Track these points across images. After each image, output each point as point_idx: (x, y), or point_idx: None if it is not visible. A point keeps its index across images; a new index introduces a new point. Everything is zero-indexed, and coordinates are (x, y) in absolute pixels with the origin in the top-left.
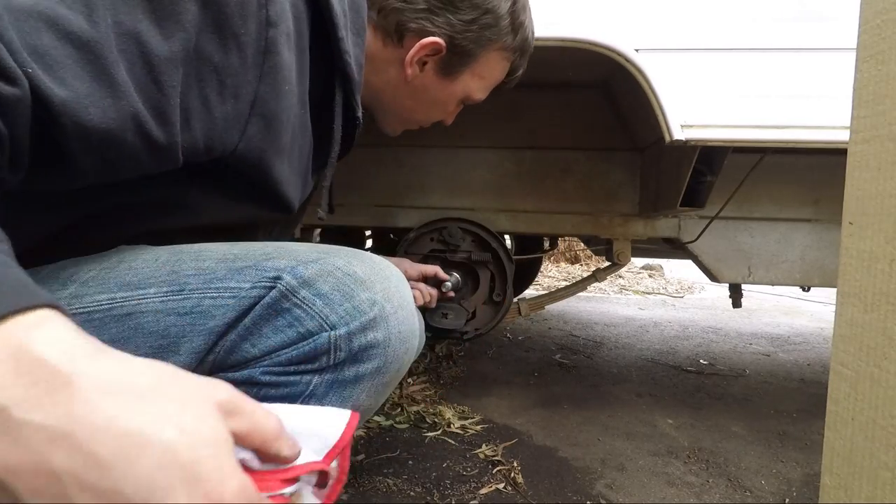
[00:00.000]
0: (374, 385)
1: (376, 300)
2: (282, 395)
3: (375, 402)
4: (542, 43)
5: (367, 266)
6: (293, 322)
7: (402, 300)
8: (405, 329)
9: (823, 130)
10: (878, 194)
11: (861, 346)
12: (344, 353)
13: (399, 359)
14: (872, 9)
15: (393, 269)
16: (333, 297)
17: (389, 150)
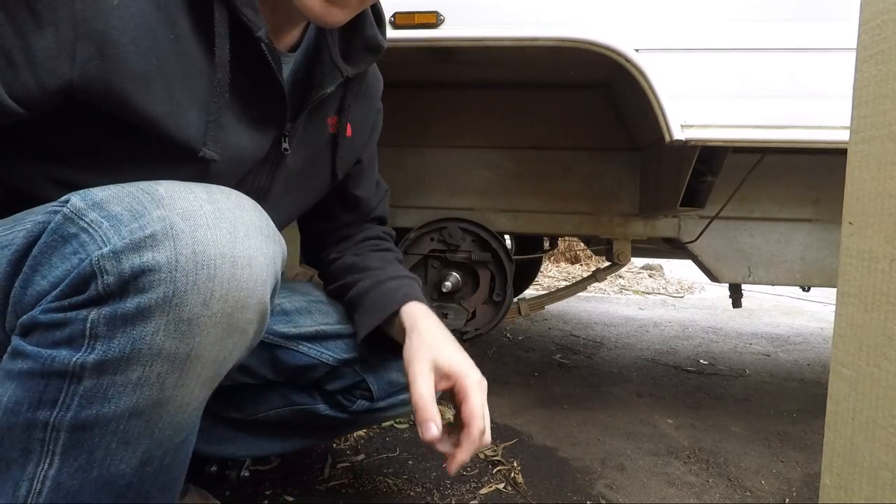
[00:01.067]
0: (172, 322)
1: (166, 216)
2: (65, 338)
3: (197, 346)
4: (543, 43)
5: (179, 186)
6: (78, 248)
7: (214, 220)
8: (208, 251)
9: (823, 130)
10: (878, 194)
11: (861, 346)
12: (113, 278)
13: (201, 288)
14: (872, 9)
15: (237, 196)
16: (122, 216)
17: (389, 150)
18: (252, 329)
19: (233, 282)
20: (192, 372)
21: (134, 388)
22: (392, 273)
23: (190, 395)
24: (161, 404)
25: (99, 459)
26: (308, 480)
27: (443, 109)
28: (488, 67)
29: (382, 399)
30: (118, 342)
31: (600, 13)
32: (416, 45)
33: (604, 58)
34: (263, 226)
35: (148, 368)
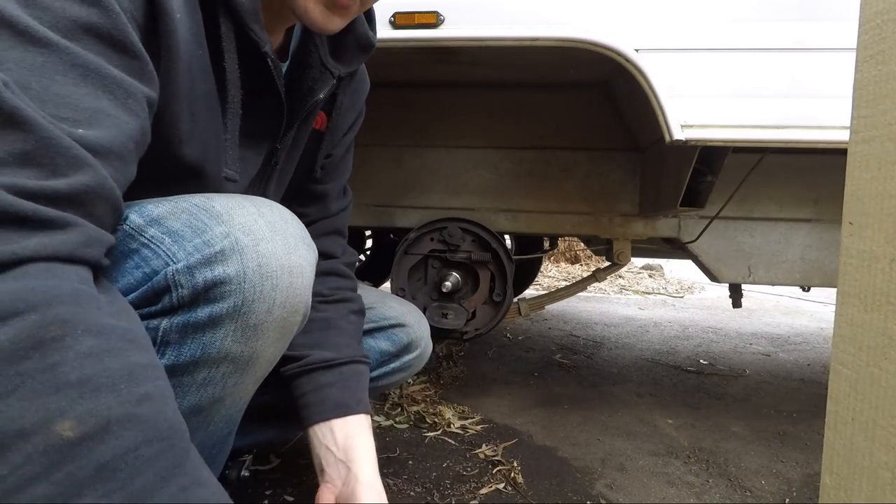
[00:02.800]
0: (240, 328)
1: (230, 233)
2: None
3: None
4: (543, 43)
5: (230, 201)
6: (140, 263)
7: (269, 233)
8: (271, 264)
9: (823, 130)
10: (878, 194)
11: (861, 346)
12: (187, 291)
13: (266, 297)
14: (872, 9)
15: (278, 209)
16: (184, 233)
17: (389, 150)
18: (297, 329)
19: (290, 290)
20: (251, 372)
21: (199, 387)
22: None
23: (245, 392)
24: (220, 401)
25: None
26: (308, 480)
27: (443, 109)
28: (488, 67)
29: (374, 369)
30: (188, 348)
31: (600, 13)
32: (416, 45)
33: (604, 58)
34: (304, 235)
35: (214, 370)
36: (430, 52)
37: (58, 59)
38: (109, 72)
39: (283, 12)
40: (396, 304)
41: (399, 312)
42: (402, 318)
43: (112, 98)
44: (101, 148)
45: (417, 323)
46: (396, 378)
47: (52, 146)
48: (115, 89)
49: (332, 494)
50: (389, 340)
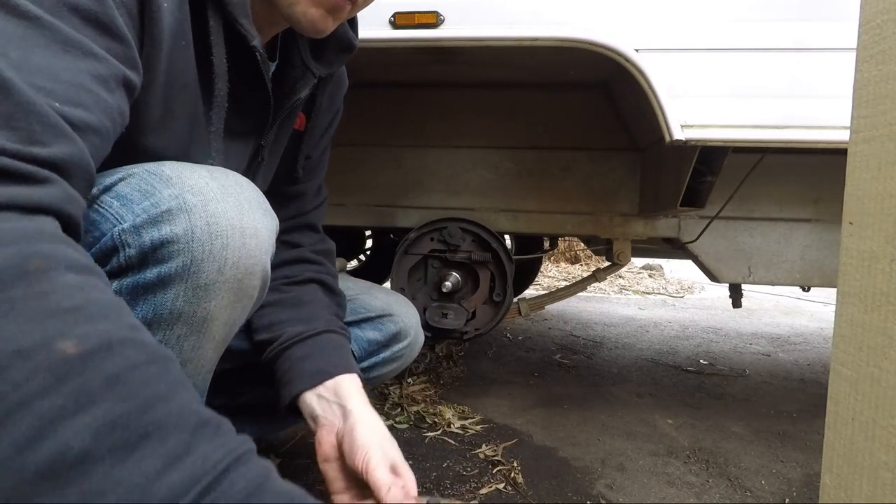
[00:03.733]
0: (190, 288)
1: (179, 194)
2: None
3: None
4: (543, 43)
5: (182, 167)
6: (89, 227)
7: (220, 194)
8: (220, 223)
9: (823, 130)
10: (878, 194)
11: (861, 346)
12: (134, 251)
13: (216, 257)
14: (872, 9)
15: (234, 176)
16: (132, 196)
17: (389, 150)
18: (256, 293)
19: (243, 250)
20: (207, 334)
21: None
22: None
23: (205, 357)
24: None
25: None
26: (308, 480)
27: (443, 109)
28: (488, 67)
29: (363, 359)
30: (140, 309)
31: (600, 13)
32: (416, 45)
33: (604, 58)
34: (262, 200)
35: (168, 331)
36: (430, 52)
37: (39, 32)
38: (91, 49)
39: (272, 16)
40: (382, 294)
41: (385, 303)
42: (388, 308)
43: (93, 75)
44: (80, 122)
45: (405, 312)
46: (389, 369)
47: (32, 112)
48: (97, 66)
49: (332, 433)
50: (377, 330)
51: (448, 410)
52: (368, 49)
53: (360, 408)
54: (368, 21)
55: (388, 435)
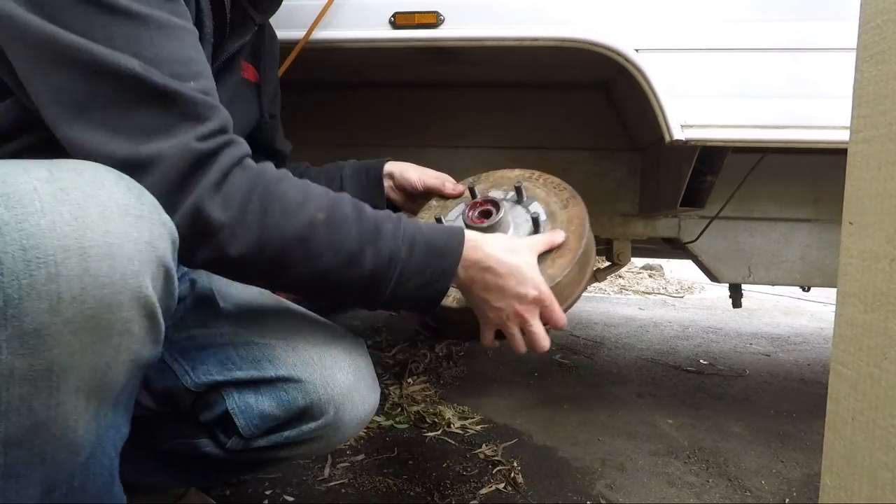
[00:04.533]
0: (15, 337)
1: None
2: None
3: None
4: (543, 43)
5: (13, 166)
6: None
7: (51, 202)
8: (44, 244)
9: (823, 130)
10: (878, 194)
11: (861, 346)
12: None
13: (42, 292)
14: (872, 9)
15: (93, 170)
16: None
17: (389, 151)
18: (136, 327)
19: (86, 278)
20: (63, 387)
21: None
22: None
23: (74, 412)
24: (39, 428)
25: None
26: (308, 480)
27: (443, 109)
28: (488, 67)
29: (258, 437)
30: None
31: (601, 13)
32: (416, 45)
33: (604, 58)
34: (132, 203)
35: (6, 393)
36: (430, 52)
37: (145, 25)
38: (178, 23)
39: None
40: (308, 344)
41: (300, 359)
42: (296, 370)
43: (191, 45)
44: (209, 89)
45: (322, 379)
46: (298, 452)
47: (191, 101)
48: (188, 36)
49: None
50: (275, 399)
51: (448, 410)
52: (368, 49)
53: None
54: (368, 21)
55: (422, 168)
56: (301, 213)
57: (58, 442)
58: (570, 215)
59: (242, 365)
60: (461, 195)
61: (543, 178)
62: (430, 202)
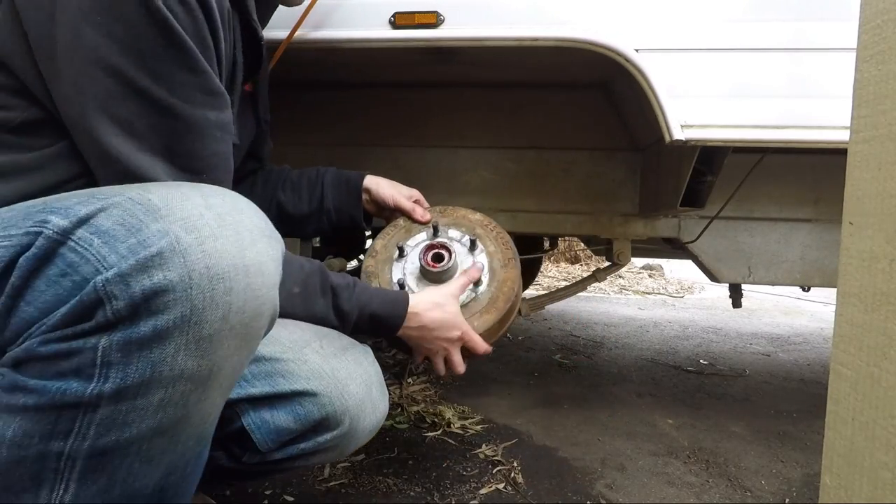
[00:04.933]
0: (192, 341)
1: (169, 230)
2: (73, 369)
3: (218, 361)
4: (543, 43)
5: (171, 192)
6: (67, 270)
7: (218, 227)
8: (221, 264)
9: (823, 130)
10: (878, 194)
11: (861, 346)
12: (123, 303)
13: (219, 303)
14: (872, 9)
15: (231, 197)
16: (116, 232)
17: (389, 150)
18: (264, 332)
19: (248, 291)
20: (214, 385)
21: (156, 410)
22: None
23: (212, 407)
24: (185, 420)
25: (121, 479)
26: (308, 480)
27: (443, 109)
28: (488, 67)
29: (274, 451)
30: (135, 368)
31: (601, 13)
32: (416, 45)
33: (604, 58)
34: (264, 226)
35: (171, 389)
36: (430, 52)
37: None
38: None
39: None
40: (318, 357)
41: (312, 372)
42: (310, 383)
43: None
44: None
45: (337, 391)
46: (313, 461)
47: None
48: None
49: None
50: (291, 414)
51: (448, 410)
52: (368, 49)
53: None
54: (368, 21)
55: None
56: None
57: (193, 432)
58: (506, 277)
59: (256, 382)
60: (428, 223)
61: (497, 232)
62: (399, 221)
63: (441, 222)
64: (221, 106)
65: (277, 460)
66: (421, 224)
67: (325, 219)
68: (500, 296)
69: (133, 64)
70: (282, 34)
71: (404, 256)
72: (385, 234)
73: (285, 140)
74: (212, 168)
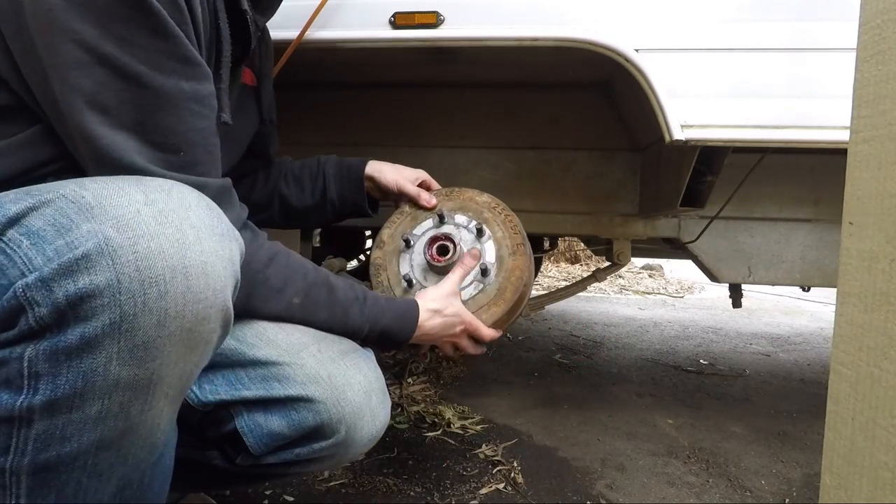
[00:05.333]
0: (125, 349)
1: (99, 230)
2: (1, 380)
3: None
4: (543, 43)
5: (109, 188)
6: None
7: (155, 225)
8: (155, 266)
9: (823, 130)
10: (878, 194)
11: (861, 346)
12: (46, 310)
13: (152, 308)
14: (872, 9)
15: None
16: (45, 233)
17: (389, 151)
18: (216, 337)
19: (188, 295)
20: (157, 394)
21: (95, 422)
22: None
23: (160, 416)
24: (130, 431)
25: (70, 494)
26: (308, 480)
27: (443, 109)
28: (488, 67)
29: (268, 454)
30: (66, 378)
31: (600, 13)
32: (416, 45)
33: (604, 58)
34: (215, 223)
35: (108, 400)
36: (430, 52)
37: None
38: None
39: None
40: (315, 362)
41: (309, 377)
42: (306, 389)
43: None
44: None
45: (333, 398)
46: (308, 468)
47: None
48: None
49: None
50: (285, 419)
51: (448, 410)
52: (368, 49)
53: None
54: (368, 21)
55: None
56: (280, 298)
57: (142, 443)
58: (514, 265)
59: (251, 385)
60: (434, 208)
61: (505, 215)
62: (405, 207)
63: (447, 207)
64: (198, 76)
65: (271, 464)
66: (427, 210)
67: (329, 209)
68: (507, 286)
69: (94, 28)
70: (288, 34)
71: (411, 248)
72: (391, 223)
73: (285, 140)
74: (190, 145)
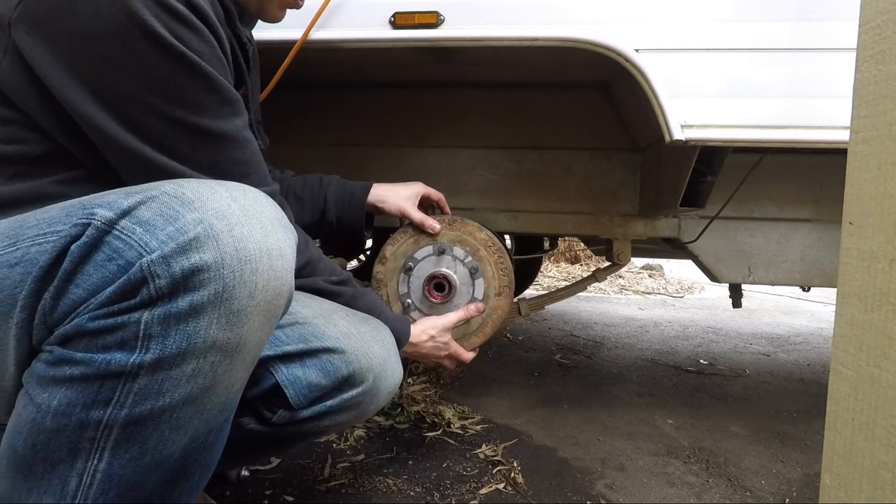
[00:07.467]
0: (223, 315)
1: (203, 219)
2: (117, 342)
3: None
4: (543, 43)
5: (201, 187)
6: (112, 255)
7: (243, 217)
8: (248, 248)
9: (823, 130)
10: (878, 194)
11: (861, 346)
12: (165, 281)
13: (247, 282)
14: (872, 9)
15: (251, 192)
16: (155, 221)
17: (389, 150)
18: (282, 312)
19: (271, 272)
20: (240, 357)
21: (189, 379)
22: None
23: (236, 378)
24: (212, 389)
25: (151, 447)
26: (308, 480)
27: (443, 109)
28: (488, 67)
29: (305, 408)
30: (173, 339)
31: (600, 13)
32: (416, 45)
33: (604, 58)
34: (281, 217)
35: (202, 360)
36: (430, 52)
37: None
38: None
39: None
40: (345, 322)
41: (343, 333)
42: (342, 342)
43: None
44: None
45: (364, 350)
46: (339, 420)
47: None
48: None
49: None
50: (321, 370)
51: (448, 410)
52: (368, 49)
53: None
54: (368, 21)
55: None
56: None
57: (218, 401)
58: (497, 305)
59: (290, 341)
60: (437, 234)
61: (497, 256)
62: (408, 228)
63: (448, 237)
64: (240, 109)
65: (305, 419)
66: (429, 236)
67: (326, 229)
68: (489, 322)
69: (162, 99)
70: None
71: (410, 272)
72: (395, 241)
73: (285, 140)
74: (254, 165)
